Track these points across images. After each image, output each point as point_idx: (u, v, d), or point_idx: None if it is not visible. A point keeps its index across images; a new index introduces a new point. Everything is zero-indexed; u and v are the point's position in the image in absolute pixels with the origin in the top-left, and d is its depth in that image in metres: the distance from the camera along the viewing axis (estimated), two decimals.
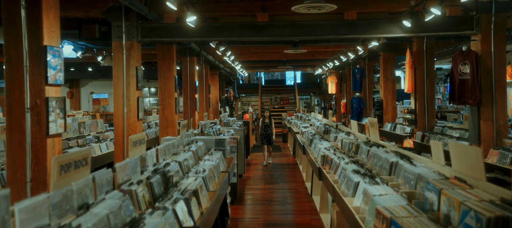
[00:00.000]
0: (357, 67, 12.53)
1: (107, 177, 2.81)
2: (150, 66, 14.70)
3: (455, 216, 2.14)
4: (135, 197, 2.92)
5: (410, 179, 3.02)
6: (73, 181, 2.33)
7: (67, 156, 2.25)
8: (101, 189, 2.70)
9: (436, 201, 2.41)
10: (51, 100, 3.58)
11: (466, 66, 5.46)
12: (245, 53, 12.91)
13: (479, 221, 1.88)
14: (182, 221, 2.93)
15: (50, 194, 2.06)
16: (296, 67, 18.09)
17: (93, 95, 17.64)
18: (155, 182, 3.26)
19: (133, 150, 3.31)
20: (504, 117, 5.35)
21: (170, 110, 8.34)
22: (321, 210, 6.37)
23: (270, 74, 27.81)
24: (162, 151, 4.27)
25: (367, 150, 4.42)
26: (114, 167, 2.97)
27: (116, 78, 6.00)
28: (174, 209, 2.90)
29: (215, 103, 15.67)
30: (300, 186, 8.56)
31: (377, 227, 2.58)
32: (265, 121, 11.10)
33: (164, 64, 8.39)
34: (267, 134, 11.03)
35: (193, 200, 3.34)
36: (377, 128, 4.70)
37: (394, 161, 3.52)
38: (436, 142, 2.98)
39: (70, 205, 2.25)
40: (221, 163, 5.51)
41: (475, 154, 2.37)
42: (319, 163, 5.38)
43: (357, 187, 3.46)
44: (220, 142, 6.41)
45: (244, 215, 6.57)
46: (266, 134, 11.03)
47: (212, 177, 4.50)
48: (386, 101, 9.75)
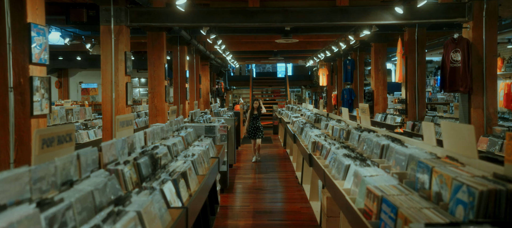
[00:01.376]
0: (349, 58, 12.52)
1: (92, 156, 2.73)
2: (140, 56, 14.52)
3: (446, 192, 2.11)
4: (122, 177, 2.85)
5: (401, 160, 3.00)
6: (56, 157, 2.25)
7: (49, 129, 2.16)
8: (86, 167, 2.62)
9: (427, 179, 2.39)
10: (36, 80, 3.47)
11: (458, 54, 5.46)
12: (236, 43, 12.81)
13: (472, 195, 1.85)
14: (170, 202, 2.87)
15: (31, 168, 1.99)
16: (287, 59, 18.04)
17: (82, 85, 17.39)
18: (142, 163, 3.19)
19: (120, 130, 3.23)
20: (494, 105, 5.37)
21: (160, 98, 8.24)
22: (311, 198, 6.35)
23: (262, 66, 27.73)
24: (150, 134, 4.19)
25: (358, 135, 4.39)
26: (100, 146, 2.88)
27: (104, 63, 5.88)
28: (162, 189, 2.84)
29: (206, 94, 15.56)
30: (290, 175, 8.54)
31: (367, 206, 2.54)
32: (254, 113, 9.95)
33: (154, 52, 8.27)
34: (256, 127, 9.89)
35: (181, 182, 3.28)
36: (368, 113, 4.68)
37: (385, 144, 3.50)
38: (427, 123, 2.96)
39: (53, 180, 2.17)
40: (211, 149, 5.44)
41: (468, 132, 2.34)
42: (310, 149, 5.35)
43: (348, 170, 3.43)
44: (210, 129, 6.34)
45: (234, 203, 6.52)
46: (255, 126, 9.89)
47: (201, 162, 4.43)
48: (377, 92, 9.76)
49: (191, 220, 2.98)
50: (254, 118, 9.89)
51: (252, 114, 9.94)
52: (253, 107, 9.98)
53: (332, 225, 4.58)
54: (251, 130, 9.87)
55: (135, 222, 2.16)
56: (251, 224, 5.44)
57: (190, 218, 2.91)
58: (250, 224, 5.44)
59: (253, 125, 9.87)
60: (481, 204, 1.80)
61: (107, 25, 5.81)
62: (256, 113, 9.88)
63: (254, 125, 9.85)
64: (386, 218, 2.24)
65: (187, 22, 6.39)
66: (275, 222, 5.57)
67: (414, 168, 2.70)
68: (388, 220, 2.20)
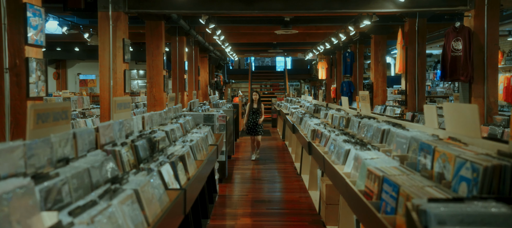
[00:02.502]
0: (348, 51, 12.46)
1: (89, 136, 2.68)
2: (138, 47, 14.42)
3: (449, 170, 2.07)
4: (119, 158, 2.80)
5: (402, 143, 2.96)
6: (52, 133, 2.21)
7: (45, 105, 2.11)
8: (82, 147, 2.57)
9: (429, 159, 2.35)
10: (32, 61, 3.42)
11: (459, 43, 5.42)
12: (235, 35, 12.74)
13: (476, 171, 1.81)
14: (168, 183, 2.83)
15: (26, 142, 1.94)
16: (286, 51, 17.96)
17: (80, 76, 17.30)
18: (140, 145, 3.15)
19: (118, 112, 3.18)
20: (495, 94, 5.34)
21: (158, 88, 8.18)
22: (310, 188, 6.33)
23: (261, 60, 27.65)
24: (148, 119, 4.14)
25: (358, 122, 4.35)
26: (97, 127, 2.84)
27: (102, 50, 5.82)
28: (160, 170, 2.80)
29: (204, 87, 15.49)
30: (289, 166, 8.52)
31: (368, 188, 2.51)
32: (253, 106, 9.07)
33: (153, 41, 8.20)
34: (255, 123, 9.04)
35: (179, 165, 3.24)
36: (368, 101, 4.64)
37: (386, 129, 3.46)
38: (429, 106, 2.92)
39: (48, 157, 2.13)
40: (210, 137, 5.40)
41: (471, 112, 2.30)
42: (309, 137, 5.31)
43: (348, 155, 3.39)
44: (209, 117, 6.29)
45: (232, 193, 6.50)
46: (254, 122, 9.04)
47: (200, 148, 4.39)
48: (377, 84, 9.72)
49: (189, 202, 2.95)
50: (253, 112, 9.10)
51: (251, 107, 9.13)
52: (252, 100, 9.18)
53: (331, 213, 4.56)
54: (250, 125, 9.05)
55: (132, 200, 2.12)
56: (250, 212, 5.41)
57: (188, 201, 2.88)
58: (249, 212, 5.41)
59: (252, 120, 9.07)
60: (485, 180, 1.77)
61: (105, 11, 5.74)
62: (256, 107, 9.07)
63: (254, 120, 9.07)
64: (387, 198, 2.20)
65: (185, 9, 6.32)
66: (274, 211, 5.54)
67: (415, 150, 2.66)
68: (390, 199, 2.16)
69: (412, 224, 1.69)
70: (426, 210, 1.63)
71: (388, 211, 2.16)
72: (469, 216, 1.60)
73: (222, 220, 5.12)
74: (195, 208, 4.39)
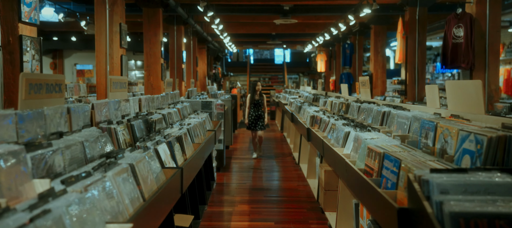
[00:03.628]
0: (348, 42, 12.40)
1: (84, 112, 2.62)
2: (136, 37, 14.30)
3: (452, 145, 2.03)
4: (115, 136, 2.75)
5: (403, 123, 2.91)
6: (45, 106, 2.15)
7: (37, 75, 2.06)
8: (77, 123, 2.52)
9: (431, 136, 2.30)
10: (26, 39, 3.35)
11: (460, 29, 5.36)
12: (234, 25, 12.65)
13: (479, 143, 1.77)
14: (165, 162, 2.78)
15: (17, 111, 1.88)
16: (285, 43, 17.87)
17: (77, 66, 17.16)
18: (136, 125, 3.09)
19: (114, 91, 3.12)
20: (496, 81, 5.30)
21: (156, 76, 8.11)
22: (308, 176, 6.29)
23: (259, 53, 27.55)
24: (146, 102, 4.08)
25: (358, 106, 4.30)
26: (92, 104, 2.78)
27: (99, 34, 5.74)
28: (156, 149, 2.75)
29: (202, 78, 15.41)
30: (288, 157, 8.48)
31: (368, 166, 2.46)
32: (255, 98, 7.94)
33: (150, 28, 8.13)
34: (258, 116, 7.91)
35: (176, 146, 3.19)
36: (368, 86, 4.59)
37: (386, 111, 3.41)
38: (431, 85, 2.87)
39: (41, 129, 2.07)
40: (208, 123, 5.35)
41: (474, 87, 2.25)
42: (308, 124, 5.26)
43: (347, 138, 3.35)
44: (207, 104, 6.23)
45: (230, 181, 6.46)
46: (256, 115, 7.92)
47: (198, 132, 4.34)
48: (376, 75, 9.67)
49: (186, 182, 2.90)
50: (255, 104, 7.95)
51: (252, 99, 7.95)
52: (254, 90, 7.96)
53: (329, 199, 4.52)
54: (252, 119, 7.96)
55: (127, 173, 2.07)
56: (248, 199, 5.37)
57: (185, 180, 2.83)
58: (247, 199, 5.37)
59: (254, 114, 7.94)
60: (489, 151, 1.72)
61: None
62: (258, 99, 7.95)
63: (256, 113, 7.93)
64: (387, 174, 2.16)
65: None
66: (272, 198, 5.50)
67: (417, 129, 2.62)
68: (390, 175, 2.12)
69: (414, 195, 1.65)
70: (429, 180, 1.58)
71: (389, 187, 2.12)
72: (473, 185, 1.55)
73: (219, 207, 5.08)
74: (192, 194, 4.35)
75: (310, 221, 4.51)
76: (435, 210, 1.50)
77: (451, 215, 1.40)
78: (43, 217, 1.26)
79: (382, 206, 1.99)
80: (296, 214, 4.74)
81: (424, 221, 1.55)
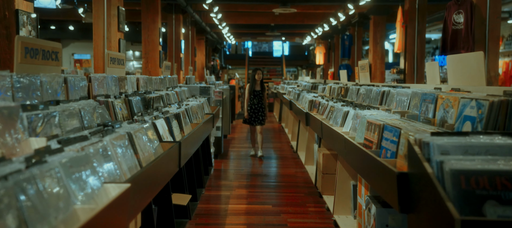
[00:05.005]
0: (347, 34, 12.36)
1: (81, 84, 2.59)
2: (134, 26, 14.22)
3: (452, 115, 2.01)
4: (112, 109, 2.73)
5: (403, 100, 2.90)
6: (41, 72, 2.12)
7: (33, 39, 2.02)
8: (73, 94, 2.49)
9: (431, 108, 2.29)
10: (22, 14, 3.31)
11: (460, 15, 5.34)
12: (233, 15, 12.59)
13: (481, 108, 1.75)
14: (163, 136, 2.76)
15: (13, 74, 1.85)
16: (284, 35, 17.81)
17: (75, 55, 17.07)
18: (134, 100, 3.07)
19: (111, 67, 3.09)
20: (495, 68, 5.28)
21: (154, 63, 8.07)
22: (306, 163, 6.28)
23: (258, 46, 27.47)
24: (144, 82, 4.05)
25: (357, 89, 4.29)
26: (90, 77, 2.75)
27: (96, 18, 5.67)
28: (154, 122, 2.72)
29: (201, 69, 15.35)
30: (286, 145, 8.47)
31: (367, 139, 2.45)
32: (256, 88, 6.96)
33: (148, 15, 8.07)
34: (258, 109, 6.92)
35: (174, 122, 3.17)
36: (367, 70, 4.57)
37: (386, 90, 3.40)
38: (431, 63, 2.85)
39: (38, 96, 2.04)
40: (206, 107, 5.32)
41: (476, 59, 2.23)
42: (307, 108, 5.24)
43: (346, 117, 3.33)
44: (205, 90, 6.21)
45: (228, 167, 6.44)
46: (257, 108, 6.92)
47: (195, 114, 4.32)
48: (375, 66, 9.65)
49: (184, 158, 2.88)
50: (255, 95, 6.94)
51: (252, 89, 6.95)
52: (254, 79, 6.97)
53: (327, 182, 4.52)
54: (251, 112, 6.97)
55: (125, 141, 2.05)
56: (245, 184, 5.36)
57: (183, 155, 2.81)
58: (244, 184, 5.36)
59: (254, 106, 6.94)
60: (491, 116, 1.71)
61: None
62: (259, 89, 6.97)
63: (256, 106, 6.93)
64: (387, 144, 2.15)
65: None
66: (270, 183, 5.49)
67: (416, 104, 2.60)
68: (390, 145, 2.10)
69: (414, 157, 1.63)
70: (429, 142, 1.57)
71: (388, 156, 2.10)
72: (474, 147, 1.54)
73: (217, 191, 5.07)
74: (190, 176, 4.33)
75: (307, 204, 4.51)
76: (436, 170, 1.48)
77: (451, 172, 1.38)
78: (39, 166, 1.23)
79: (381, 175, 1.97)
80: (294, 198, 4.73)
81: (424, 182, 1.53)
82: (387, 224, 2.42)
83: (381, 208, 2.42)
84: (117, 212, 1.46)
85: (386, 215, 2.43)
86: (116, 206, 1.42)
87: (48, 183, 1.22)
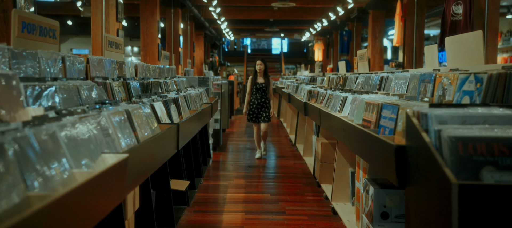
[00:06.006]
0: (345, 29, 12.36)
1: (79, 65, 2.59)
2: (133, 21, 14.20)
3: (451, 92, 2.01)
4: (110, 90, 2.72)
5: (401, 84, 2.90)
6: (38, 48, 2.11)
7: (30, 14, 2.02)
8: (71, 74, 2.48)
9: (430, 88, 2.29)
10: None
11: (459, 6, 5.35)
12: (232, 9, 12.58)
13: (479, 81, 1.75)
14: (161, 118, 2.75)
15: (10, 47, 1.84)
16: (283, 31, 17.80)
17: (73, 50, 17.03)
18: (132, 84, 3.06)
19: (109, 50, 3.08)
20: (494, 59, 5.29)
21: (152, 56, 8.06)
22: (304, 155, 6.28)
23: (257, 43, 27.47)
24: (141, 68, 4.05)
25: (355, 77, 4.29)
26: (88, 58, 2.74)
27: (95, 7, 5.66)
28: (152, 104, 2.72)
29: (199, 65, 15.34)
30: (284, 139, 8.47)
31: (366, 120, 2.45)
32: (258, 81, 6.10)
33: (147, 7, 8.06)
34: (261, 105, 6.06)
35: (172, 106, 3.16)
36: (366, 59, 4.57)
37: (385, 76, 3.40)
38: (430, 46, 2.85)
39: (35, 71, 2.03)
40: (204, 97, 5.32)
41: (474, 39, 2.23)
42: (305, 98, 5.24)
43: (345, 102, 3.33)
44: (204, 81, 6.20)
45: (226, 159, 6.44)
46: (259, 103, 6.06)
47: (194, 102, 4.31)
48: (373, 61, 9.65)
49: (182, 140, 2.87)
50: (257, 89, 6.09)
51: (254, 83, 6.11)
52: (255, 72, 6.15)
53: (326, 171, 4.52)
54: (254, 107, 6.09)
55: (123, 117, 2.04)
56: (244, 175, 5.36)
57: (181, 138, 2.81)
58: (243, 175, 5.36)
59: (257, 101, 6.07)
60: (489, 88, 1.71)
61: None
62: (263, 83, 6.08)
63: (259, 101, 6.06)
64: (385, 122, 2.15)
65: None
66: (268, 174, 5.50)
67: (415, 86, 2.60)
68: (388, 122, 2.10)
69: (412, 129, 1.63)
70: (427, 113, 1.57)
71: (386, 133, 2.10)
72: (472, 117, 1.54)
73: (215, 181, 5.07)
74: (188, 164, 4.33)
75: (306, 193, 4.51)
76: (433, 138, 1.48)
77: (449, 139, 1.38)
78: (37, 128, 1.23)
79: (379, 151, 1.97)
80: (292, 188, 4.74)
81: (422, 152, 1.53)
82: (385, 205, 2.43)
83: (378, 189, 2.42)
84: (114, 179, 1.45)
85: (383, 196, 2.43)
86: (114, 172, 1.42)
87: (45, 144, 1.21)
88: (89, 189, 1.20)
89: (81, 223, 1.18)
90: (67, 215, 1.07)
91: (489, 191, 1.29)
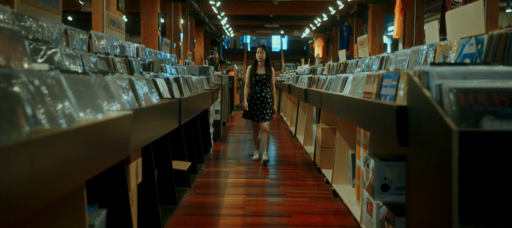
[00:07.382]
0: (345, 25, 12.39)
1: (81, 38, 2.60)
2: (133, 17, 14.21)
3: (452, 58, 2.03)
4: (113, 65, 2.73)
5: (402, 60, 2.92)
6: (41, 17, 2.13)
7: None
8: (74, 45, 2.49)
9: (431, 57, 2.30)
10: None
11: None
12: (232, 5, 12.60)
13: (480, 43, 1.77)
14: (162, 94, 2.77)
15: (14, 10, 1.86)
16: (283, 27, 17.82)
17: None
18: (134, 61, 3.08)
19: (111, 28, 3.09)
20: None
21: (153, 48, 8.07)
22: (305, 144, 6.31)
23: (256, 41, 27.49)
24: (142, 51, 4.06)
25: (356, 62, 4.31)
26: (90, 33, 2.76)
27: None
28: (154, 80, 2.73)
29: (199, 61, 15.36)
30: (284, 131, 8.49)
31: (366, 92, 2.47)
32: (258, 72, 5.20)
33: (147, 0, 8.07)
34: (263, 99, 5.16)
35: (174, 85, 3.18)
36: (367, 45, 4.59)
37: (385, 56, 3.42)
38: (431, 23, 2.87)
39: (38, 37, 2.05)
40: (205, 84, 5.33)
41: (475, 10, 2.25)
42: (306, 85, 5.26)
43: (346, 82, 3.35)
44: (205, 70, 6.22)
45: (227, 149, 6.46)
46: (261, 98, 5.17)
47: (195, 86, 4.33)
48: (373, 54, 9.67)
49: (184, 116, 2.89)
50: (257, 80, 5.18)
51: (254, 73, 5.21)
52: (255, 61, 5.25)
53: (326, 157, 4.54)
54: (253, 103, 5.20)
55: (126, 84, 2.05)
56: (244, 162, 5.38)
57: (183, 113, 2.82)
58: (243, 162, 5.37)
59: (257, 95, 5.17)
60: (490, 49, 1.72)
61: None
62: (264, 74, 5.18)
63: (259, 95, 5.16)
64: (386, 91, 2.16)
65: None
66: (269, 162, 5.51)
67: (416, 60, 2.62)
68: (389, 90, 2.12)
69: (413, 87, 1.65)
70: (429, 71, 1.59)
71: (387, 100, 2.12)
72: (472, 73, 1.56)
73: (216, 167, 5.08)
74: (189, 149, 4.34)
75: (306, 178, 4.53)
76: (434, 93, 1.50)
77: (450, 90, 1.40)
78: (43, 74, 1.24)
79: (380, 116, 1.99)
80: (293, 174, 4.75)
81: (423, 107, 1.55)
82: (385, 177, 2.44)
83: (379, 161, 2.43)
84: (119, 132, 1.47)
85: (384, 168, 2.44)
86: (118, 124, 1.43)
87: (51, 88, 1.23)
88: (97, 130, 1.22)
89: (86, 165, 1.20)
90: (74, 150, 1.08)
91: (489, 137, 1.30)
